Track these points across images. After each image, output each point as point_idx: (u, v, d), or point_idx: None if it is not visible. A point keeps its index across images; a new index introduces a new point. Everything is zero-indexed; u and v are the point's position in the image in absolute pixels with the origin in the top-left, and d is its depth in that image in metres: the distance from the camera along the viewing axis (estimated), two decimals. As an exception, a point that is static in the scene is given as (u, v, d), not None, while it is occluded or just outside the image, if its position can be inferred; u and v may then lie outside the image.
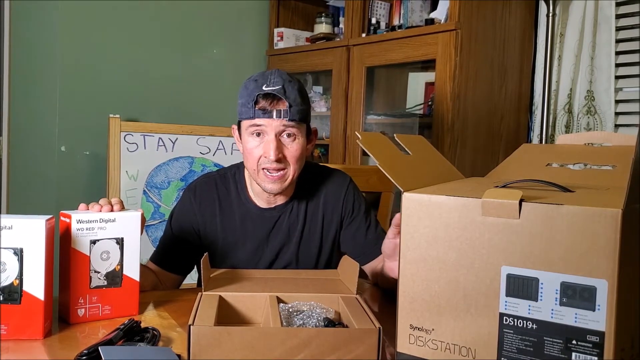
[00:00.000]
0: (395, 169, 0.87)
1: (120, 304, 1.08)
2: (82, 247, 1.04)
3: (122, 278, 1.08)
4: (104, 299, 1.06)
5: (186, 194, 1.44)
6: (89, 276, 1.05)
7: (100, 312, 1.06)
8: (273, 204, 1.41)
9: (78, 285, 1.04)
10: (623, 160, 0.96)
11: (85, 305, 1.05)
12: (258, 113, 1.28)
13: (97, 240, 1.05)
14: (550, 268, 0.72)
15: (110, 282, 1.07)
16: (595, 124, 2.33)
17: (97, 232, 1.05)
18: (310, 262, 1.42)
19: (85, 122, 2.48)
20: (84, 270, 1.04)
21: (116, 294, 1.08)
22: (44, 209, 2.39)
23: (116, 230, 1.07)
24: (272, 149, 1.28)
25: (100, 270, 1.06)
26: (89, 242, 1.04)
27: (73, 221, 1.02)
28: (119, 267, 1.08)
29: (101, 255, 1.05)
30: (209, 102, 2.83)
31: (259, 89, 1.27)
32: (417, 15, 2.47)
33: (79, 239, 1.03)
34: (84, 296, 1.04)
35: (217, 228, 1.40)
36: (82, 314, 1.05)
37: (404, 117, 2.60)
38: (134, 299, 1.10)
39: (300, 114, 1.30)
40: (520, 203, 0.74)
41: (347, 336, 0.87)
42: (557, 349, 0.72)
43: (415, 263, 0.83)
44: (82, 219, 1.03)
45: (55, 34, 2.42)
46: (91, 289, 1.05)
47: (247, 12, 2.97)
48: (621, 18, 2.32)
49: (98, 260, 1.05)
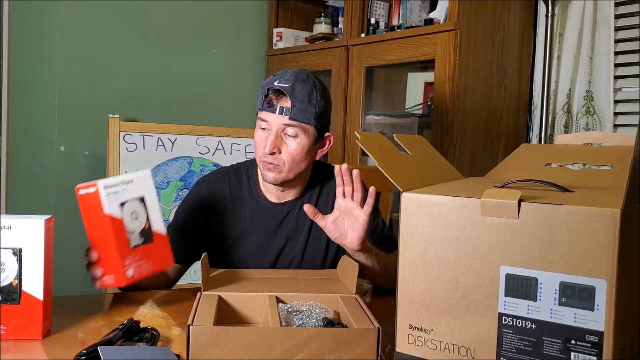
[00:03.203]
0: (394, 169, 0.87)
1: (158, 258, 1.13)
2: (115, 210, 1.06)
3: (153, 234, 1.12)
4: (145, 256, 1.10)
5: (200, 184, 1.47)
6: (127, 237, 1.07)
7: (144, 269, 1.09)
8: (283, 199, 1.43)
9: (121, 248, 1.06)
10: (622, 160, 0.96)
11: (132, 265, 1.07)
12: (265, 106, 1.33)
13: (125, 202, 1.08)
14: (549, 268, 0.72)
15: (145, 239, 1.10)
16: (594, 124, 2.33)
17: (123, 194, 1.08)
18: (317, 260, 1.43)
19: (84, 122, 2.47)
20: (122, 232, 1.06)
21: (152, 250, 1.11)
22: (43, 209, 2.39)
23: (136, 189, 1.10)
24: (269, 142, 1.31)
25: (134, 230, 1.09)
26: (118, 204, 1.06)
27: (100, 187, 1.04)
28: (148, 224, 1.11)
29: (132, 216, 1.08)
30: (209, 102, 2.82)
31: (271, 83, 1.32)
32: (416, 16, 2.47)
33: (108, 204, 1.05)
34: (129, 257, 1.07)
35: (227, 219, 1.42)
36: (130, 274, 1.07)
37: (403, 117, 2.60)
38: (166, 251, 1.15)
39: (304, 115, 1.30)
40: (519, 203, 0.74)
41: (346, 336, 0.87)
42: (556, 348, 0.72)
43: (415, 263, 0.83)
44: (108, 184, 1.06)
45: (54, 34, 2.42)
46: (131, 248, 1.07)
47: (246, 12, 2.96)
48: (620, 18, 2.32)
49: (130, 221, 1.08)
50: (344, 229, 1.23)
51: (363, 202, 1.20)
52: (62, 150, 2.44)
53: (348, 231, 1.22)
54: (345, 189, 1.20)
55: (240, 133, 2.59)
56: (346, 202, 1.21)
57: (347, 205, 1.20)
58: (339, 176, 1.20)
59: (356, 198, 1.20)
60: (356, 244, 1.22)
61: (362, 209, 1.19)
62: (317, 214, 1.23)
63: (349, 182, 1.20)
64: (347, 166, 1.19)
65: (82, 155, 2.49)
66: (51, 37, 2.42)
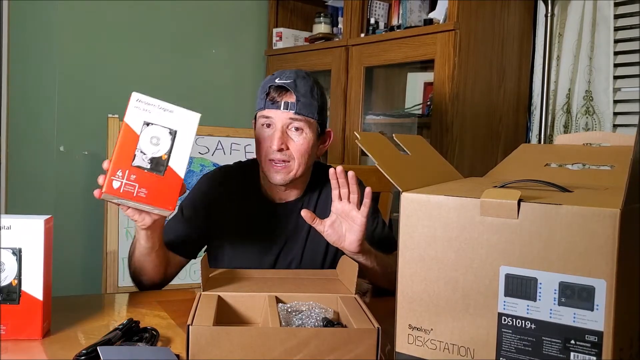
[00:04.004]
0: (394, 169, 0.87)
1: (157, 192, 1.07)
2: (135, 124, 1.05)
3: (167, 168, 1.08)
4: (143, 181, 1.06)
5: (203, 179, 1.47)
6: (133, 154, 1.05)
7: (135, 192, 1.06)
8: (284, 199, 1.43)
9: (121, 158, 1.05)
10: (621, 160, 0.96)
11: (123, 179, 1.05)
12: (268, 104, 1.33)
13: (151, 123, 1.06)
14: (548, 268, 0.72)
15: (153, 167, 1.07)
16: (594, 124, 2.33)
17: (153, 117, 1.07)
18: (317, 261, 1.43)
19: (84, 122, 2.47)
20: (131, 147, 1.05)
21: (156, 181, 1.07)
22: (42, 209, 2.39)
23: (172, 121, 1.08)
24: (276, 138, 1.31)
25: (146, 153, 1.06)
26: (142, 122, 1.06)
27: (132, 98, 1.05)
28: (165, 156, 1.07)
29: (151, 140, 1.06)
30: (208, 102, 2.82)
31: (272, 82, 1.33)
32: (416, 16, 2.47)
33: (133, 116, 1.05)
34: (123, 170, 1.05)
35: (230, 215, 1.42)
36: (117, 186, 1.04)
37: (403, 117, 2.60)
38: (173, 193, 1.08)
39: (308, 109, 1.33)
40: (518, 203, 0.74)
41: (346, 336, 0.87)
42: (555, 348, 0.72)
43: (414, 263, 0.83)
44: (141, 99, 1.06)
45: (53, 33, 2.42)
46: (133, 166, 1.05)
47: (246, 12, 2.96)
48: (620, 18, 2.32)
49: (147, 143, 1.06)
50: (342, 232, 1.22)
51: (360, 203, 1.20)
52: (61, 150, 2.44)
53: (346, 234, 1.22)
54: (341, 191, 1.20)
55: (240, 133, 2.58)
56: (343, 205, 1.20)
57: (344, 207, 1.20)
58: (334, 179, 1.20)
59: (352, 200, 1.19)
60: (355, 246, 1.22)
61: (359, 211, 1.19)
62: (314, 219, 1.23)
63: (344, 184, 1.19)
64: (342, 168, 1.19)
65: (81, 155, 2.49)
66: (51, 37, 2.42)
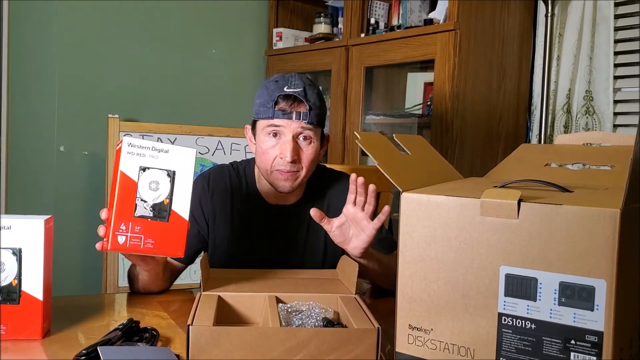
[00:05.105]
0: (394, 169, 0.87)
1: (164, 240, 1.02)
2: (131, 171, 1.01)
3: (170, 213, 1.03)
4: (148, 231, 1.01)
5: (199, 181, 1.43)
6: (134, 203, 1.01)
7: (142, 244, 1.01)
8: (281, 202, 1.42)
9: (122, 210, 1.00)
10: (622, 160, 0.96)
11: (127, 233, 1.01)
12: (277, 114, 1.29)
13: (147, 167, 1.02)
14: (549, 268, 0.72)
15: (156, 214, 1.02)
16: (594, 124, 2.33)
17: (148, 160, 1.02)
18: (316, 263, 1.43)
19: (84, 122, 2.47)
20: (130, 196, 1.00)
21: (162, 229, 1.02)
22: (42, 209, 2.39)
23: (168, 162, 1.03)
24: (289, 149, 1.29)
25: (147, 200, 1.01)
26: (138, 167, 1.01)
27: (124, 143, 1.00)
28: (167, 200, 1.03)
29: (150, 185, 1.02)
30: (208, 102, 2.82)
31: (280, 90, 1.29)
32: (416, 16, 2.47)
33: (128, 163, 1.00)
34: (126, 223, 1.00)
35: (227, 218, 1.41)
36: (122, 241, 1.00)
37: (403, 117, 2.60)
38: (180, 238, 1.03)
39: (319, 118, 1.32)
40: (519, 203, 0.74)
41: (346, 336, 0.87)
42: (555, 348, 0.72)
43: (414, 263, 0.83)
44: (133, 143, 1.01)
45: (54, 34, 2.42)
46: (135, 217, 1.01)
47: (246, 12, 2.97)
48: (620, 18, 2.32)
49: (146, 189, 1.01)
50: (348, 235, 1.22)
51: (374, 215, 1.20)
52: (61, 151, 2.44)
53: (352, 238, 1.22)
54: (358, 198, 1.20)
55: (240, 133, 2.58)
56: (355, 211, 1.20)
57: (357, 215, 1.20)
58: (353, 184, 1.20)
59: (367, 210, 1.19)
60: (358, 252, 1.22)
61: (370, 222, 1.19)
62: (323, 218, 1.22)
63: (362, 194, 1.19)
64: (363, 180, 1.19)
65: (81, 156, 2.49)
66: (51, 37, 2.42)
